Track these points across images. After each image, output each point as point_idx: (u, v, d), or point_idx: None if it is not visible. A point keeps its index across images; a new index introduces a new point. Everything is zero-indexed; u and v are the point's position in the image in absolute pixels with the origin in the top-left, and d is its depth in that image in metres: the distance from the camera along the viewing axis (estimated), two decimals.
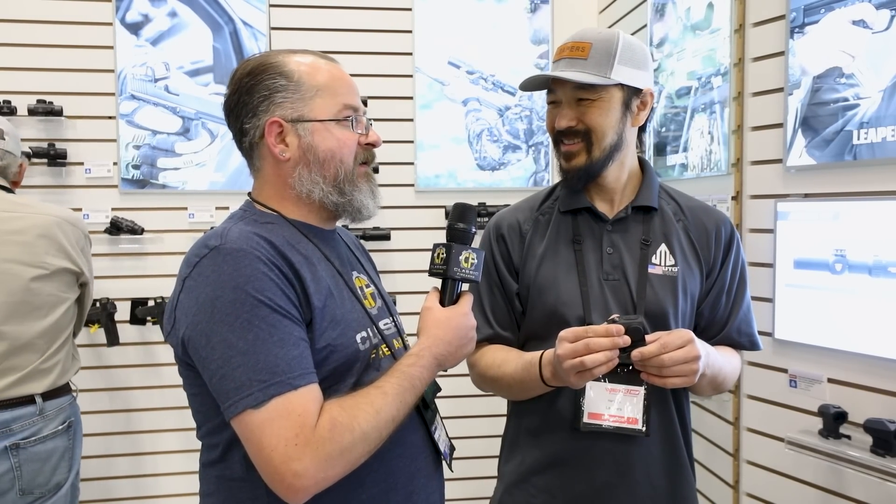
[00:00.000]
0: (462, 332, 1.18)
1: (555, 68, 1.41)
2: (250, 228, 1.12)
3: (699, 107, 2.46)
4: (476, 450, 2.85)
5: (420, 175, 3.19)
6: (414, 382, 1.11)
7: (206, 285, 1.04)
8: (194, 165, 3.04)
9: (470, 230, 1.22)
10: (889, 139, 1.74)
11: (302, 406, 1.00)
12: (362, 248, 1.45)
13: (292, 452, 0.98)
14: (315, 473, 0.99)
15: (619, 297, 1.39)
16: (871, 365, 1.80)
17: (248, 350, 1.01)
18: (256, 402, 0.99)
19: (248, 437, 1.01)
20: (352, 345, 1.14)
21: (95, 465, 3.00)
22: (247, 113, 1.17)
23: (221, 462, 1.13)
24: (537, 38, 3.24)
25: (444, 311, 1.19)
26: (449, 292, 1.21)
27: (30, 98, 2.89)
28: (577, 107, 1.38)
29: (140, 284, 2.99)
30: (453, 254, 1.18)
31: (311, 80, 1.17)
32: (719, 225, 1.48)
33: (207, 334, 1.03)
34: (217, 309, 1.02)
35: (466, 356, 1.22)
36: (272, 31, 3.09)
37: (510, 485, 1.48)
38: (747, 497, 2.26)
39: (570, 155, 1.41)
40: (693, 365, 1.22)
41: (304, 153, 1.17)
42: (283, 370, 1.01)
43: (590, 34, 1.39)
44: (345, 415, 1.03)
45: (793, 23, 2.02)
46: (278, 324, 1.03)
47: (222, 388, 1.02)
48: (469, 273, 1.19)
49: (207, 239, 1.10)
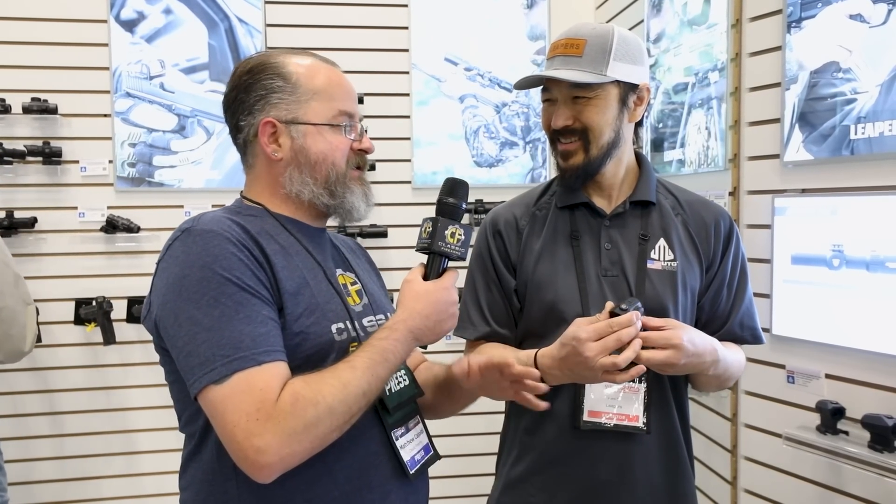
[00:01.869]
0: (441, 306, 1.15)
1: (549, 66, 1.40)
2: (227, 216, 1.13)
3: (696, 102, 2.46)
4: (474, 447, 2.85)
5: (417, 172, 3.19)
6: (386, 356, 1.08)
7: (175, 265, 1.06)
8: (190, 163, 3.03)
9: (460, 206, 1.19)
10: (887, 134, 1.74)
11: (264, 381, 0.99)
12: (359, 250, 1.44)
13: (254, 427, 0.97)
14: (279, 449, 0.97)
15: (618, 292, 1.38)
16: (869, 360, 1.80)
17: (212, 326, 1.01)
18: (219, 377, 0.99)
19: (212, 414, 1.01)
20: (326, 334, 1.13)
21: (93, 464, 3.00)
22: (243, 110, 1.19)
23: (197, 453, 1.13)
24: (534, 34, 3.23)
25: (424, 285, 1.16)
26: (434, 267, 1.17)
27: (24, 96, 2.87)
28: (574, 105, 1.37)
29: (136, 283, 2.97)
30: (439, 227, 1.16)
31: (309, 83, 1.18)
32: (718, 219, 1.47)
33: (175, 312, 1.03)
34: (184, 287, 1.03)
35: (446, 332, 1.19)
36: (268, 28, 3.07)
37: (508, 484, 1.47)
38: (745, 493, 2.26)
39: (567, 154, 1.40)
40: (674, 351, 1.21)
41: (296, 154, 1.18)
42: (248, 346, 1.00)
43: (584, 30, 1.38)
44: (308, 388, 1.01)
45: (790, 17, 2.01)
46: (245, 301, 1.03)
47: (188, 364, 1.02)
48: (454, 249, 1.16)
49: (181, 225, 1.12)
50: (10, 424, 2.94)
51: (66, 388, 2.98)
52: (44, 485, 2.97)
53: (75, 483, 2.99)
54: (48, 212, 2.94)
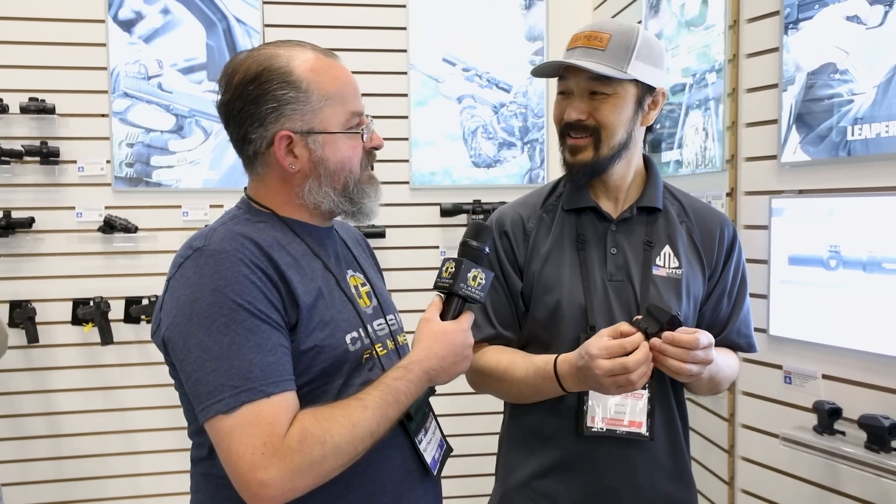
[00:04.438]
0: (457, 349, 1.15)
1: (568, 56, 1.35)
2: (238, 228, 1.10)
3: (694, 103, 2.46)
4: (474, 447, 2.85)
5: (415, 172, 3.18)
6: (398, 397, 1.08)
7: (186, 287, 1.04)
8: (188, 163, 3.03)
9: (483, 249, 1.20)
10: (883, 135, 1.74)
11: (272, 414, 0.99)
12: (364, 243, 1.43)
13: (259, 461, 0.97)
14: (281, 484, 0.97)
15: (623, 298, 1.38)
16: (866, 361, 1.80)
17: (222, 354, 1.00)
18: (227, 408, 0.98)
19: (218, 443, 1.01)
20: (340, 345, 1.12)
21: (91, 464, 2.99)
22: (252, 122, 1.13)
23: (208, 460, 1.12)
24: (532, 35, 3.23)
25: (441, 325, 1.15)
26: (452, 308, 1.18)
27: (22, 96, 2.87)
28: (590, 100, 1.34)
29: (134, 283, 2.97)
30: (462, 270, 1.16)
31: (320, 88, 1.13)
32: (723, 227, 1.46)
33: (185, 336, 1.02)
34: (195, 311, 1.02)
35: (459, 374, 1.19)
36: (266, 28, 3.07)
37: (509, 489, 1.46)
38: (742, 493, 2.26)
39: (576, 149, 1.37)
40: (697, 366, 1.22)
41: (315, 166, 1.15)
42: (257, 377, 1.00)
43: (609, 25, 1.34)
44: (317, 426, 1.01)
45: (787, 19, 2.02)
46: (256, 328, 1.02)
47: (196, 391, 1.01)
48: (475, 292, 1.16)
49: (193, 240, 1.09)
50: (8, 424, 2.94)
51: (63, 389, 2.97)
52: (41, 485, 2.96)
53: (73, 483, 2.99)
54: (46, 212, 2.93)
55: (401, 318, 1.36)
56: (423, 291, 3.26)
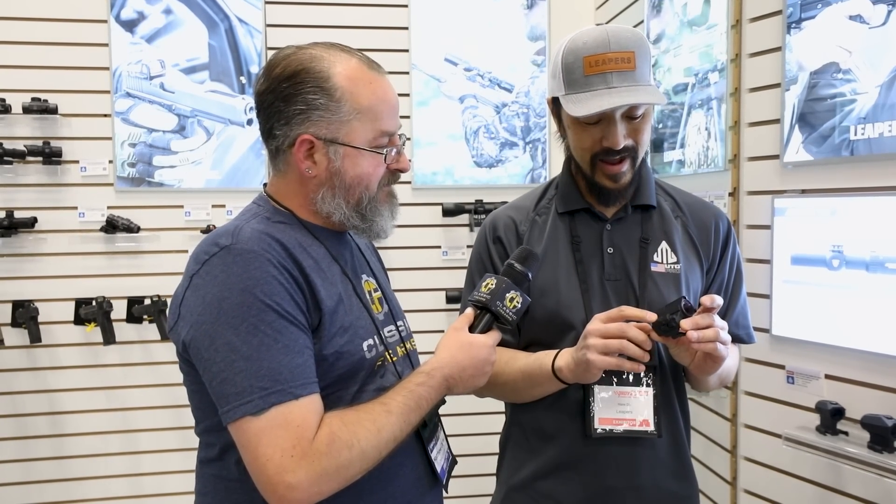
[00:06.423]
0: (479, 362, 1.15)
1: (603, 82, 1.28)
2: (262, 228, 1.09)
3: (696, 103, 2.46)
4: (473, 447, 2.85)
5: (417, 172, 3.19)
6: (420, 403, 1.09)
7: (213, 285, 1.03)
8: (190, 163, 3.03)
9: (527, 275, 1.21)
10: (886, 134, 1.74)
11: (301, 417, 0.99)
12: (372, 248, 1.43)
13: (287, 464, 0.97)
14: (308, 487, 0.97)
15: (622, 297, 1.37)
16: (869, 361, 1.80)
17: (251, 355, 0.99)
18: (256, 410, 0.98)
19: (244, 444, 1.00)
20: (359, 352, 1.13)
21: (93, 464, 3.00)
22: (279, 119, 1.13)
23: (218, 461, 1.12)
24: (534, 35, 3.23)
25: (469, 337, 1.16)
26: (482, 324, 1.18)
27: (24, 96, 2.88)
28: (629, 123, 1.32)
29: (136, 283, 2.98)
30: (502, 289, 1.17)
31: (354, 100, 1.12)
32: (717, 220, 1.47)
33: (211, 335, 1.01)
34: (223, 310, 1.01)
35: (476, 388, 1.19)
36: (268, 28, 3.07)
37: (511, 490, 1.45)
38: (745, 493, 2.26)
39: (618, 176, 1.36)
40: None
41: (331, 176, 1.14)
42: (286, 378, 0.99)
43: (627, 41, 1.29)
44: (345, 430, 1.01)
45: (789, 18, 2.01)
46: (284, 330, 1.01)
47: (222, 391, 1.00)
48: (508, 313, 1.17)
49: (218, 237, 1.08)
50: (10, 424, 2.95)
51: (65, 389, 2.98)
52: (44, 485, 2.97)
53: (75, 483, 2.99)
54: (48, 212, 2.94)
55: (408, 322, 1.36)
56: (424, 291, 3.27)
